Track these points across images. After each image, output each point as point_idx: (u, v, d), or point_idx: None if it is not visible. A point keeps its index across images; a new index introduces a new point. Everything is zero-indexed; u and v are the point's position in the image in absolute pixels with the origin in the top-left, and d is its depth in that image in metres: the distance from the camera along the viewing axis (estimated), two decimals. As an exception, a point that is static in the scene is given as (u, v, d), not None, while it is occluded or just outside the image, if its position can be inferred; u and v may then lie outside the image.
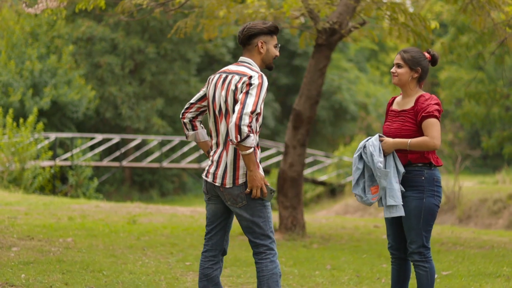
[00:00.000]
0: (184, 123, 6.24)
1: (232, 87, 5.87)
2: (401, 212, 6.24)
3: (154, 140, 35.79)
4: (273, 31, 6.08)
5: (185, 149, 35.34)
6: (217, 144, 6.00)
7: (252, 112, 5.69)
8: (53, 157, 28.95)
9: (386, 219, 6.50)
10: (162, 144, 35.34)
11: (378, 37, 15.77)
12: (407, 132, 6.30)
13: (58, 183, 28.72)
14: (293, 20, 14.66)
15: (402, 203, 6.25)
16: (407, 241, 6.38)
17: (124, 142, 34.39)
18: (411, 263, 6.52)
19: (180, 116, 6.26)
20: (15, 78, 32.00)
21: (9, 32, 33.38)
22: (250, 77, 5.82)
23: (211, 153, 6.08)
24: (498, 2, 12.33)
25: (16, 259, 9.25)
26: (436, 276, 9.25)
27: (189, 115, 6.23)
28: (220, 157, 5.97)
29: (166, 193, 41.44)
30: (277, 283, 5.94)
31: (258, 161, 5.90)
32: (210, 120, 6.07)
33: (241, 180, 5.89)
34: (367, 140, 6.40)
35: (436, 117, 6.23)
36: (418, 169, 6.30)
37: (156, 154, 34.21)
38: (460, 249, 12.03)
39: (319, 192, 33.64)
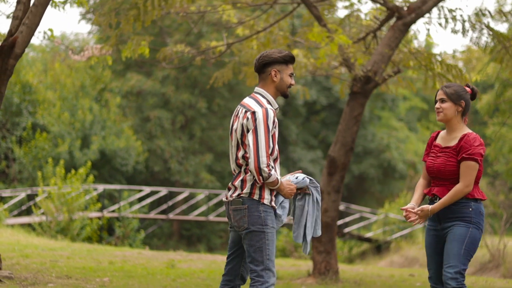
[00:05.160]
0: None
1: (241, 120, 6.05)
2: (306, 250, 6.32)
3: (201, 193, 36.03)
4: (288, 60, 6.18)
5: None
6: (234, 170, 6.17)
7: (268, 152, 5.90)
8: (101, 209, 29.35)
9: (427, 250, 6.46)
10: (209, 198, 35.60)
11: (416, 87, 15.91)
12: (451, 167, 6.30)
13: (105, 234, 29.06)
14: (334, 70, 14.92)
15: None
16: (444, 267, 6.23)
17: (171, 195, 34.72)
18: None
19: None
20: (67, 129, 32.68)
21: (61, 85, 34.20)
22: (253, 113, 5.99)
23: (232, 180, 6.24)
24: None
25: (49, 293, 9.50)
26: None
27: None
28: (236, 180, 6.12)
29: (214, 247, 41.46)
30: None
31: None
32: (230, 149, 6.25)
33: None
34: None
35: (476, 160, 6.25)
36: (465, 201, 6.29)
37: (203, 208, 34.43)
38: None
39: (364, 249, 33.50)
